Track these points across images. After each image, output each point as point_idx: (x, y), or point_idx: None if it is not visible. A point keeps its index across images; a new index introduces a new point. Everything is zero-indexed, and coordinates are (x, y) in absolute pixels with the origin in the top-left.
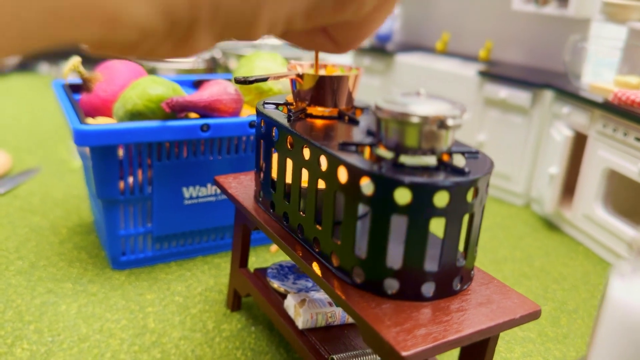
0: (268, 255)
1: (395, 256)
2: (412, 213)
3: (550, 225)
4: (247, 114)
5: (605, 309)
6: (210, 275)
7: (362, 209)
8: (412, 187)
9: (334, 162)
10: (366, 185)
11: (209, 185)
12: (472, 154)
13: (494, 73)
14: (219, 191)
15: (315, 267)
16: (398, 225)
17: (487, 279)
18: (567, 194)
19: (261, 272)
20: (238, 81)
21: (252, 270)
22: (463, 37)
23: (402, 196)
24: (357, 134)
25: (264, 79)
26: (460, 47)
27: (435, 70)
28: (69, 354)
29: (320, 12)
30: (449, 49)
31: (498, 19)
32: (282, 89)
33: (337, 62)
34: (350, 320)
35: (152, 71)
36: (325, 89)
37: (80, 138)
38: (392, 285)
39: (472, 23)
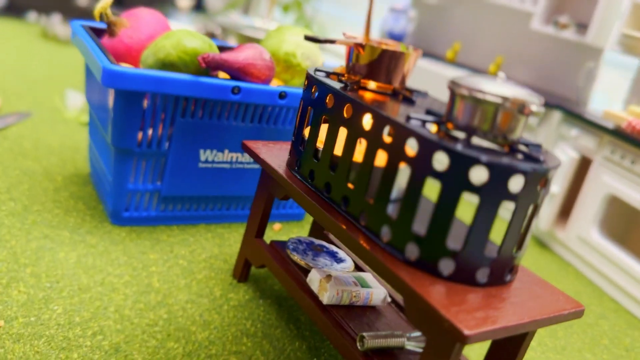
0: (271, 233)
1: (451, 238)
2: (485, 193)
3: (541, 244)
4: (275, 85)
5: None
6: (215, 244)
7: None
8: (490, 166)
9: (402, 133)
10: (438, 160)
11: (226, 151)
12: (536, 147)
13: None
14: (234, 159)
15: (363, 240)
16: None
17: (532, 275)
18: (562, 215)
19: (279, 244)
20: (308, 38)
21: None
22: (474, 49)
23: (477, 175)
24: (416, 112)
25: (332, 41)
26: (470, 58)
27: (444, 77)
28: (70, 303)
29: None
30: (459, 59)
31: (513, 36)
32: (310, 65)
33: (395, 41)
34: (373, 302)
35: None
36: (383, 63)
37: (110, 79)
38: (447, 266)
39: (485, 36)
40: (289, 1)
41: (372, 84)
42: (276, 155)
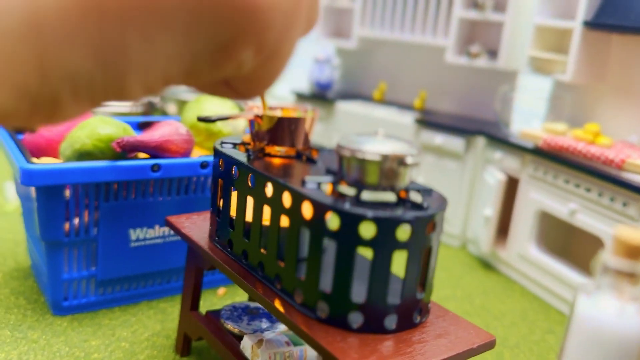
0: (215, 299)
1: (358, 291)
2: (376, 246)
3: (486, 265)
4: (198, 155)
5: (573, 325)
6: (157, 320)
7: (326, 244)
8: (376, 221)
9: (298, 198)
10: (331, 220)
11: (156, 227)
12: (426, 192)
13: (429, 121)
14: (166, 233)
15: (278, 304)
16: (359, 262)
17: (442, 311)
18: (501, 234)
19: (213, 314)
20: (201, 119)
21: (202, 313)
22: (399, 87)
23: (366, 230)
24: (316, 173)
25: (226, 118)
26: (396, 96)
27: (374, 117)
28: None
29: (197, 73)
30: (386, 98)
31: (432, 70)
32: (231, 130)
33: (293, 105)
34: (308, 359)
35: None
36: (283, 129)
37: (28, 178)
38: (356, 318)
39: (407, 74)
40: None
41: (276, 149)
42: (199, 227)
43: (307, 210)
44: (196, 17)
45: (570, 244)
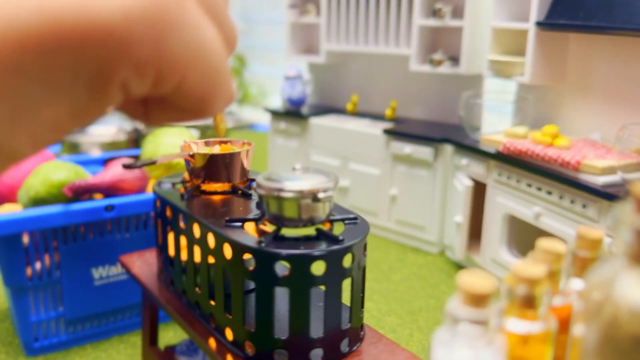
0: (181, 331)
1: (283, 326)
2: (293, 284)
3: (463, 270)
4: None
5: None
6: (127, 355)
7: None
8: (290, 259)
9: (220, 239)
10: (249, 261)
11: (118, 264)
12: (351, 220)
13: (397, 131)
14: None
15: (212, 342)
16: (284, 296)
17: (377, 337)
18: (475, 239)
19: (171, 349)
20: (125, 166)
21: (164, 347)
22: (370, 98)
23: (283, 269)
24: (250, 208)
25: (152, 162)
26: (368, 107)
27: (347, 130)
28: None
29: (83, 109)
30: (359, 109)
31: (399, 80)
32: None
33: (229, 139)
34: None
35: (73, 147)
36: (217, 166)
37: None
38: (281, 355)
39: (377, 85)
40: None
41: (212, 186)
42: (150, 265)
43: (227, 250)
44: (53, 58)
45: None
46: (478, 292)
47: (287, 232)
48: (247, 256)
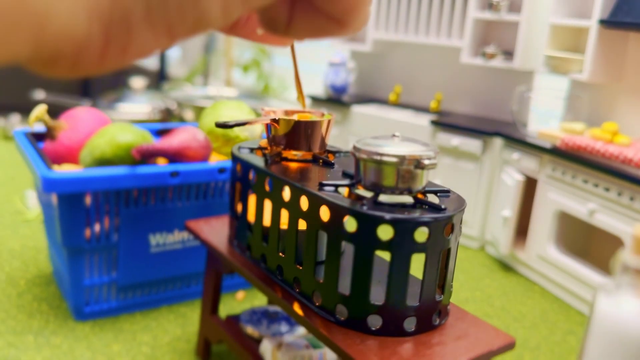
0: (235, 303)
1: (377, 293)
2: (395, 249)
3: (506, 266)
4: (215, 160)
5: (594, 324)
6: (177, 325)
7: (343, 246)
8: (394, 223)
9: (316, 202)
10: (349, 223)
11: (175, 232)
12: (444, 193)
13: (446, 122)
14: (185, 238)
15: (297, 307)
16: (377, 264)
17: (462, 313)
18: (520, 236)
19: (234, 318)
20: (219, 125)
21: (222, 317)
22: (414, 89)
23: (385, 232)
24: (333, 176)
25: (243, 124)
26: (412, 99)
27: (390, 120)
28: None
29: None
30: (401, 100)
31: (447, 72)
32: (248, 136)
33: (309, 110)
34: None
35: None
36: (300, 133)
37: (49, 185)
38: (375, 321)
39: (422, 76)
40: (247, 61)
41: (293, 153)
42: (218, 231)
43: (324, 213)
44: None
45: (589, 244)
46: None
47: (383, 199)
48: (346, 219)
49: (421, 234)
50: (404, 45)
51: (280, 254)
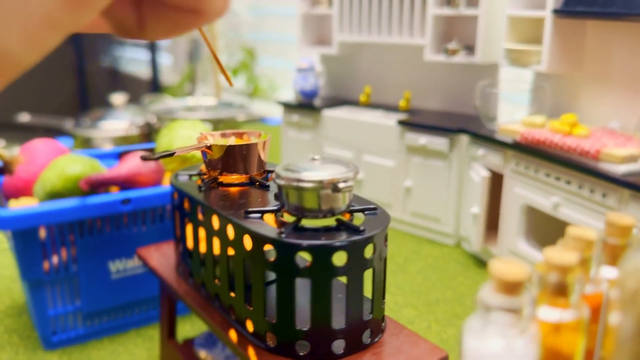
0: (199, 324)
1: (304, 317)
2: (314, 275)
3: (480, 262)
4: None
5: None
6: (144, 349)
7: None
8: (311, 249)
9: (240, 230)
10: (270, 252)
11: (135, 257)
12: (371, 211)
13: (412, 122)
14: None
15: (232, 334)
16: (305, 287)
17: (398, 328)
18: (492, 230)
19: (190, 342)
20: (143, 158)
21: (182, 340)
22: (384, 89)
23: (303, 260)
24: (265, 200)
25: (171, 154)
26: (382, 98)
27: (360, 122)
28: None
29: (76, 4)
30: (372, 100)
31: (414, 70)
32: None
33: (247, 130)
34: None
35: (86, 141)
36: (235, 157)
37: (1, 223)
38: (303, 346)
39: (390, 76)
40: (235, 65)
41: (229, 177)
42: (168, 257)
43: (247, 242)
44: None
45: (558, 237)
46: (511, 280)
47: (307, 223)
48: (267, 247)
49: (340, 258)
50: (370, 46)
51: (217, 280)
